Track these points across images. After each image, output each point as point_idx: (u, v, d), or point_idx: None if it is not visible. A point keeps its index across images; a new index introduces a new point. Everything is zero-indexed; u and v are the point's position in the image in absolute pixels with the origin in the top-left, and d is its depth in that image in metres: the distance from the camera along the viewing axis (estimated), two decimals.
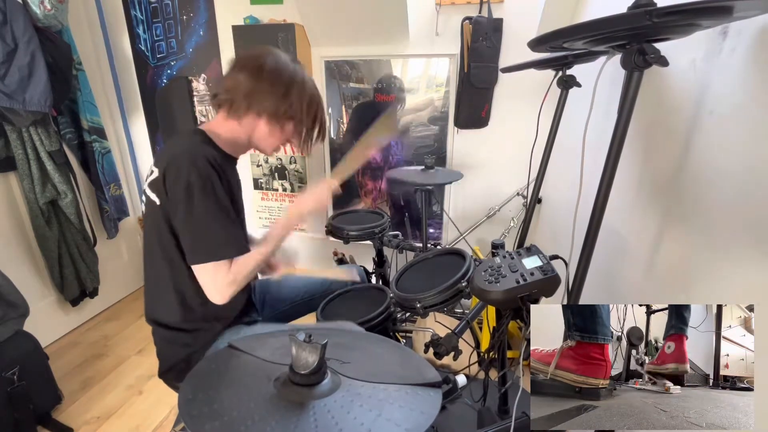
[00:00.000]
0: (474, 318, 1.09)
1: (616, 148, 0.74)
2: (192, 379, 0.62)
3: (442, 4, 1.79)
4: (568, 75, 1.19)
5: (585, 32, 0.67)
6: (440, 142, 2.03)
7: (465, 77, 1.82)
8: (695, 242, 0.83)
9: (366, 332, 1.04)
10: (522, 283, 0.76)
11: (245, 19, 2.01)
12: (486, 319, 1.68)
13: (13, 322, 1.60)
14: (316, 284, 1.35)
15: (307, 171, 2.30)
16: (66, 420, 1.67)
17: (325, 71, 2.06)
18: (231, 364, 0.68)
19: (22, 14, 1.65)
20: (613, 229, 1.10)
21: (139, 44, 2.32)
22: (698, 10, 0.55)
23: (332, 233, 1.63)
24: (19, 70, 1.65)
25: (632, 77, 0.70)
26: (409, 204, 2.22)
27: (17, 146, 1.83)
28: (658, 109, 0.98)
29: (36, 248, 2.01)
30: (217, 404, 0.55)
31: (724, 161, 0.75)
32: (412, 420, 0.54)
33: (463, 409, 1.41)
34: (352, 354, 0.69)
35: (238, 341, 0.73)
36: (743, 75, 0.71)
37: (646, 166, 1.03)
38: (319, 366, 0.57)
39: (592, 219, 0.79)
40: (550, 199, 1.87)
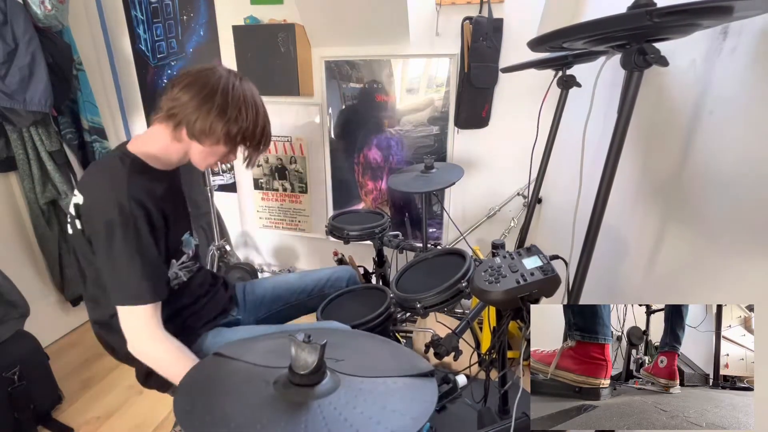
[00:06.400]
0: (474, 318, 1.09)
1: (616, 148, 0.74)
2: (185, 390, 0.62)
3: (442, 4, 1.79)
4: (568, 75, 1.19)
5: (585, 32, 0.67)
6: (440, 142, 2.03)
7: (465, 77, 1.82)
8: (695, 242, 0.83)
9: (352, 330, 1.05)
10: (522, 283, 0.76)
11: (245, 19, 2.01)
12: (486, 319, 1.68)
13: (14, 322, 1.60)
14: (308, 285, 1.35)
15: (307, 171, 2.30)
16: (66, 420, 1.67)
17: (325, 71, 2.06)
18: (221, 371, 0.68)
19: (23, 14, 1.65)
20: (613, 229, 1.10)
21: (140, 44, 2.32)
22: (698, 10, 0.55)
23: (332, 233, 1.63)
24: (20, 71, 1.66)
25: (632, 77, 0.70)
26: (410, 204, 2.22)
27: (18, 146, 1.83)
28: (658, 109, 0.98)
29: (36, 248, 2.01)
30: (218, 412, 0.55)
31: (724, 161, 0.75)
32: (415, 408, 0.56)
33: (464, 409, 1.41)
34: (344, 352, 0.69)
35: (224, 348, 0.73)
36: (743, 75, 0.71)
37: (646, 166, 1.03)
38: (319, 365, 0.58)
39: (592, 219, 0.79)
40: (550, 199, 1.87)
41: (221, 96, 0.92)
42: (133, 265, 0.87)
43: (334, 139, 2.20)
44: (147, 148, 0.98)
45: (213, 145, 0.96)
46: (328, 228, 1.64)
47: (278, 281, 1.35)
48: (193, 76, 0.94)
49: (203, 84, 0.92)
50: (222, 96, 0.92)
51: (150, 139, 0.99)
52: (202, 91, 0.92)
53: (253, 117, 0.96)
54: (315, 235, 2.41)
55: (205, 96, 0.92)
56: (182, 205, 1.10)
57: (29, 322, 1.67)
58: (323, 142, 2.21)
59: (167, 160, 1.01)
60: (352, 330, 0.94)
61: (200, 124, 0.92)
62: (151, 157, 0.98)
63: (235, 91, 0.94)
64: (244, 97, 0.95)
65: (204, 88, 0.92)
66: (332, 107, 2.13)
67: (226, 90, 0.93)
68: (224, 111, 0.92)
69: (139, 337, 0.91)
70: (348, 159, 2.21)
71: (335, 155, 2.23)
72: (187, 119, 0.92)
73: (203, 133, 0.93)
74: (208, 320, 1.11)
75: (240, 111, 0.94)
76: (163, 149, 0.98)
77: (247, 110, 0.95)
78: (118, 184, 0.88)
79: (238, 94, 0.94)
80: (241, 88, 0.96)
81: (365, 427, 0.52)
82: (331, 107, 2.13)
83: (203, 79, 0.93)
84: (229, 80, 0.95)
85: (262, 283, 1.34)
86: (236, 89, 0.95)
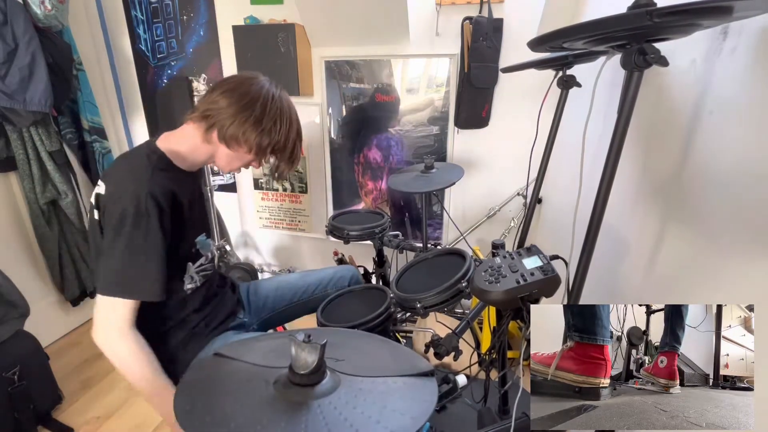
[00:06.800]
0: (474, 318, 1.09)
1: (616, 148, 0.74)
2: (184, 390, 0.62)
3: (442, 4, 1.79)
4: (568, 75, 1.19)
5: (585, 32, 0.67)
6: (440, 142, 2.03)
7: (465, 77, 1.82)
8: (695, 242, 0.83)
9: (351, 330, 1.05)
10: (522, 283, 0.76)
11: (245, 19, 2.01)
12: (486, 319, 1.68)
13: (14, 322, 1.61)
14: (311, 285, 1.35)
15: (307, 171, 2.30)
16: (66, 420, 1.67)
17: (325, 71, 2.06)
18: (221, 371, 0.68)
19: (23, 14, 1.65)
20: (613, 229, 1.10)
21: (140, 44, 2.32)
22: (698, 10, 0.55)
23: (332, 233, 1.63)
24: (20, 71, 1.66)
25: (632, 77, 0.70)
26: (410, 204, 2.22)
27: (18, 146, 1.83)
28: (658, 109, 0.98)
29: (36, 248, 2.01)
30: (218, 412, 0.55)
31: (724, 161, 0.75)
32: (415, 408, 0.56)
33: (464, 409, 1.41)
34: (343, 352, 0.69)
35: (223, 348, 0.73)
36: (743, 75, 0.71)
37: (646, 166, 1.03)
38: (319, 365, 0.58)
39: (592, 219, 0.79)
40: (550, 199, 1.87)
41: (260, 107, 0.93)
42: (131, 259, 0.87)
43: (334, 138, 2.20)
44: (176, 146, 0.98)
45: (241, 151, 0.97)
46: (328, 228, 1.64)
47: (281, 282, 1.35)
48: (235, 82, 0.95)
49: (244, 92, 0.93)
50: (261, 107, 0.94)
51: (181, 137, 0.99)
52: (242, 99, 0.93)
53: (285, 131, 0.98)
54: (315, 235, 2.41)
55: (245, 105, 0.93)
56: (201, 206, 1.10)
57: (29, 322, 1.67)
58: (323, 142, 2.21)
59: (193, 160, 1.01)
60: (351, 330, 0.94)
61: (233, 130, 0.93)
62: (179, 155, 0.99)
63: (273, 104, 0.95)
64: (281, 110, 0.97)
65: (244, 96, 0.93)
66: (332, 107, 2.13)
67: (266, 101, 0.94)
68: (260, 121, 0.94)
69: (108, 329, 0.89)
70: (348, 159, 2.21)
71: (335, 155, 2.23)
72: (221, 123, 0.93)
73: (234, 139, 0.94)
74: (217, 325, 1.11)
75: (275, 123, 0.95)
76: (192, 149, 0.99)
77: (281, 124, 0.96)
78: (139, 177, 0.88)
79: (276, 107, 0.96)
80: (280, 101, 0.97)
81: (365, 426, 0.52)
82: (331, 107, 2.13)
83: (245, 88, 0.94)
84: (270, 91, 0.96)
85: (265, 283, 1.34)
86: (275, 102, 0.96)
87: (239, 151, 0.97)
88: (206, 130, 0.95)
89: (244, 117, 0.92)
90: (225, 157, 0.99)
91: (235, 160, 1.00)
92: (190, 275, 1.02)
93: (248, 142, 0.95)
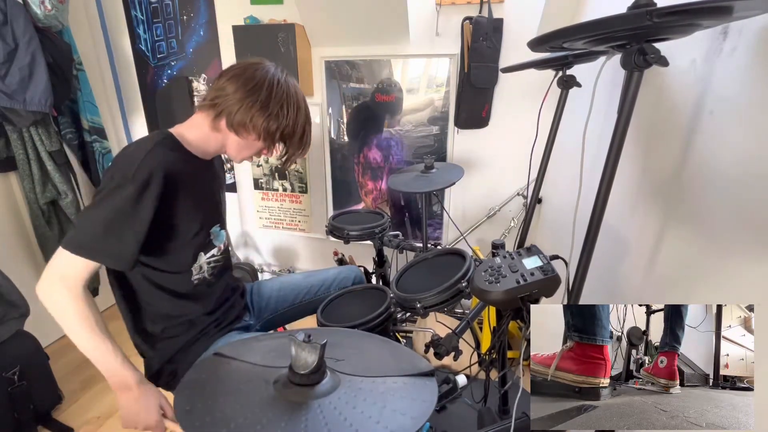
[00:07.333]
0: (474, 318, 1.09)
1: (616, 148, 0.74)
2: (185, 390, 0.62)
3: (442, 4, 1.79)
4: (568, 75, 1.19)
5: (585, 32, 0.67)
6: (440, 142, 2.03)
7: (465, 77, 1.82)
8: (695, 242, 0.83)
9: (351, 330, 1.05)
10: (522, 283, 0.76)
11: (245, 19, 2.01)
12: (486, 319, 1.68)
13: (14, 322, 1.61)
14: (314, 285, 1.35)
15: (308, 171, 2.30)
16: (66, 420, 1.67)
17: (325, 71, 2.06)
18: (222, 371, 0.68)
19: (23, 14, 1.65)
20: (613, 229, 1.10)
21: (140, 44, 2.32)
22: (698, 10, 0.55)
23: (332, 233, 1.63)
24: (20, 71, 1.66)
25: (632, 77, 0.70)
26: (410, 204, 2.22)
27: (18, 146, 1.83)
28: (658, 109, 0.98)
29: (36, 248, 2.01)
30: (218, 413, 0.55)
31: (724, 161, 0.75)
32: (415, 408, 0.56)
33: (464, 409, 1.41)
34: (344, 352, 0.69)
35: (224, 348, 0.73)
36: (743, 75, 0.71)
37: (646, 166, 1.03)
38: (319, 365, 0.58)
39: (592, 219, 0.79)
40: (550, 199, 1.87)
41: (266, 91, 0.93)
42: (111, 223, 0.83)
43: (334, 139, 2.20)
44: (186, 134, 0.99)
45: (251, 138, 0.96)
46: (328, 228, 1.64)
47: (284, 282, 1.35)
48: (240, 68, 0.95)
49: (249, 77, 0.93)
50: (267, 91, 0.93)
51: (191, 126, 1.00)
52: (248, 84, 0.92)
53: (293, 115, 0.97)
54: (315, 235, 2.41)
55: (250, 89, 0.92)
56: (213, 195, 1.09)
57: (29, 322, 1.67)
58: (323, 142, 2.21)
59: (204, 149, 1.01)
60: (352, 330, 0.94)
61: (240, 116, 0.92)
62: (189, 142, 0.99)
63: (279, 88, 0.95)
64: (287, 94, 0.96)
65: (250, 81, 0.92)
66: (332, 107, 2.13)
67: (271, 85, 0.94)
68: (266, 106, 0.93)
69: (57, 282, 0.84)
70: (348, 159, 2.21)
71: (335, 155, 2.23)
72: (228, 110, 0.93)
73: (242, 126, 0.94)
74: (223, 328, 1.11)
75: (282, 108, 0.94)
76: (202, 137, 0.99)
77: (288, 108, 0.95)
78: (143, 149, 0.87)
79: (282, 91, 0.95)
80: (286, 85, 0.96)
81: (365, 426, 0.52)
82: (331, 107, 2.13)
83: (250, 73, 0.94)
84: (275, 76, 0.96)
85: (268, 284, 1.34)
86: (281, 86, 0.95)
87: (248, 138, 0.96)
88: (215, 117, 0.95)
89: (250, 102, 0.92)
90: (235, 145, 0.99)
91: (245, 148, 1.00)
92: (199, 265, 1.02)
93: (256, 127, 0.94)
